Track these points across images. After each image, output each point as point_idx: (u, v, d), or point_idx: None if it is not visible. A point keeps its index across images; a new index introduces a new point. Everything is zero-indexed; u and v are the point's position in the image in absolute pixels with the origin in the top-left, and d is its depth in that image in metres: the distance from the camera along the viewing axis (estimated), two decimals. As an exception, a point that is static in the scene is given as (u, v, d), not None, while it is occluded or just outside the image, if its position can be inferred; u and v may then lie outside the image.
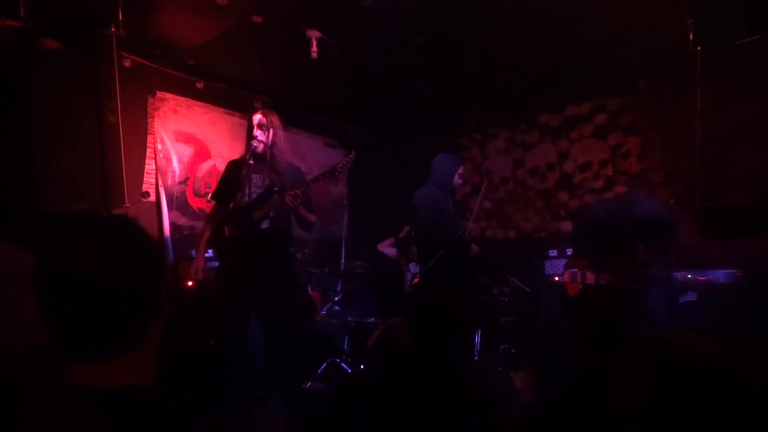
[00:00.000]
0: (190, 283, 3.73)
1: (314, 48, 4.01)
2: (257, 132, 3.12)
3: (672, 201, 4.30)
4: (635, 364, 0.74)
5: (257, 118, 3.17)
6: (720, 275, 3.87)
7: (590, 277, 3.69)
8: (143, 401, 0.85)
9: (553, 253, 4.97)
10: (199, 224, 4.55)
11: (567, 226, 5.38)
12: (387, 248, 5.60)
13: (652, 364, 0.72)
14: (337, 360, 4.43)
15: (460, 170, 3.99)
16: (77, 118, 3.45)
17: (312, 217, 3.25)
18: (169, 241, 4.44)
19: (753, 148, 3.88)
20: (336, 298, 4.96)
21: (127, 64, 4.21)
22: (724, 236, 4.12)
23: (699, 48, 3.97)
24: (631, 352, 0.76)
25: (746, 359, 0.67)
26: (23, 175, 3.29)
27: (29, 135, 3.29)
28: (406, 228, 5.23)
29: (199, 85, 4.86)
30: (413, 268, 5.40)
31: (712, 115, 4.01)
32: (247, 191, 3.08)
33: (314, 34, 4.01)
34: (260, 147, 3.12)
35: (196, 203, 4.76)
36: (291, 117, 5.38)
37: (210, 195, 3.45)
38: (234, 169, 3.25)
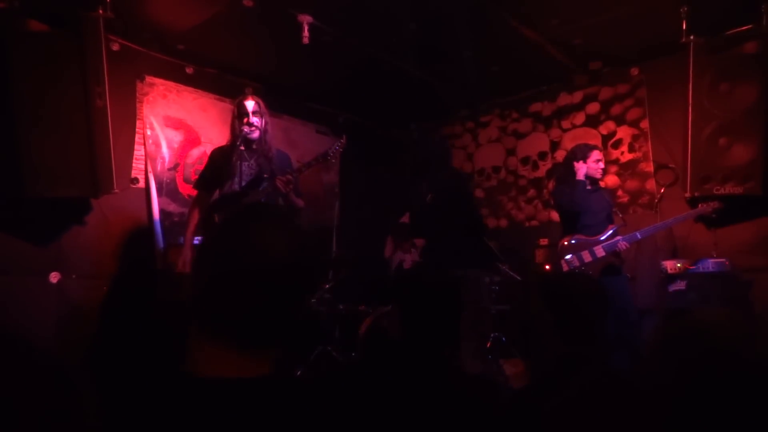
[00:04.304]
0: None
1: (305, 33, 3.96)
2: (253, 119, 3.09)
3: (663, 190, 4.33)
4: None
5: (251, 104, 3.14)
6: (709, 264, 3.91)
7: (587, 255, 3.71)
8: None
9: (545, 241, 4.98)
10: (189, 211, 4.51)
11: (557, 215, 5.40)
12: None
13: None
14: (328, 348, 4.43)
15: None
16: (64, 103, 3.38)
17: (301, 203, 3.24)
18: (159, 227, 4.40)
19: (744, 137, 3.89)
20: (326, 286, 4.95)
21: (115, 47, 4.14)
22: (714, 225, 4.15)
23: (691, 37, 3.97)
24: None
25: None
26: (7, 161, 3.24)
27: (13, 119, 3.23)
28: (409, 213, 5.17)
29: (189, 70, 4.79)
30: (400, 256, 5.39)
31: (704, 105, 4.02)
32: (237, 178, 3.06)
33: (306, 19, 3.96)
34: (256, 133, 3.09)
35: (186, 190, 4.71)
36: (282, 103, 5.34)
37: (194, 183, 3.41)
38: (220, 156, 3.22)
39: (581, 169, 3.97)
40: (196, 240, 3.28)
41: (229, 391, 0.78)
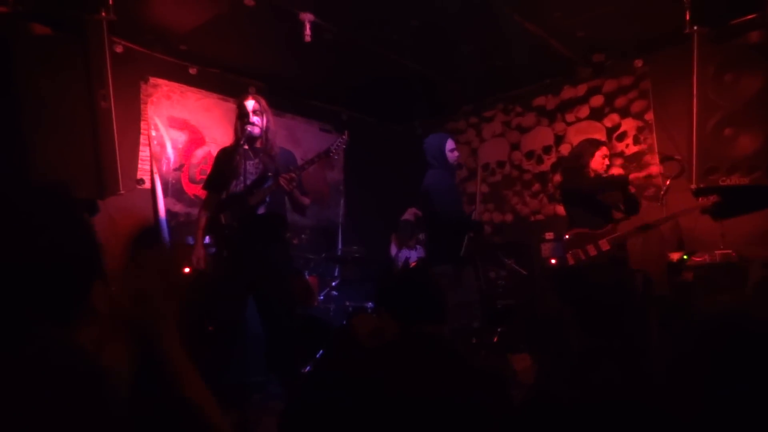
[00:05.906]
0: (187, 270, 3.73)
1: (307, 31, 3.97)
2: (254, 118, 3.10)
3: (668, 182, 4.31)
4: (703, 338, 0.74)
5: (251, 104, 3.14)
6: (716, 256, 3.89)
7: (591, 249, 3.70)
8: None
9: (550, 235, 4.97)
10: (195, 211, 4.52)
11: (563, 209, 5.38)
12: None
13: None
14: (335, 345, 4.44)
15: (449, 145, 3.96)
16: (69, 105, 3.40)
17: (306, 201, 3.25)
18: (165, 227, 4.43)
19: (749, 127, 3.86)
20: (333, 284, 4.97)
21: (119, 49, 4.16)
22: (720, 217, 4.12)
23: (695, 27, 3.94)
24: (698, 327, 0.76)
25: None
26: (13, 164, 3.26)
27: (18, 122, 3.24)
28: (412, 210, 5.16)
29: (192, 71, 4.81)
30: (406, 253, 5.39)
31: (708, 95, 3.99)
32: (242, 178, 3.07)
33: (307, 17, 3.96)
34: (256, 131, 3.10)
35: (191, 190, 4.74)
36: (285, 102, 5.35)
37: (203, 185, 3.44)
38: (225, 156, 3.23)
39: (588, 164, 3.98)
40: (206, 239, 3.30)
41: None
